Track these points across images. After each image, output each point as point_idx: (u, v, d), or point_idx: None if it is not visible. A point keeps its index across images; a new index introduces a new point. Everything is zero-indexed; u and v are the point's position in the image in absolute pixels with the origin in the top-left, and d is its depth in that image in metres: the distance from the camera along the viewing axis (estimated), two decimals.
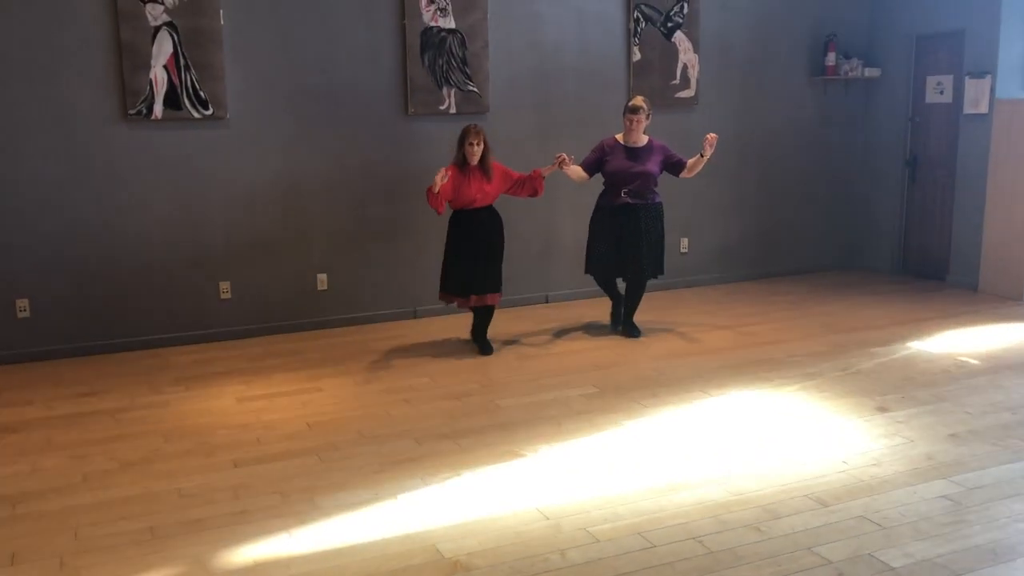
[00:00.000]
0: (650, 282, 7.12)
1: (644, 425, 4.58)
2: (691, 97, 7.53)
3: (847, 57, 8.00)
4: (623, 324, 6.32)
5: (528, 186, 5.85)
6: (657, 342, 6.13)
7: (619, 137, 6.06)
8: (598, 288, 6.50)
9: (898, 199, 8.15)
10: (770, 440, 4.36)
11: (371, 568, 3.23)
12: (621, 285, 6.37)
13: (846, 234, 8.48)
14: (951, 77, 7.57)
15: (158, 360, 5.89)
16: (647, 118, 5.97)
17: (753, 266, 8.10)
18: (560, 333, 6.36)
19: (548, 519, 3.58)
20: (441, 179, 5.44)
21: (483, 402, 4.98)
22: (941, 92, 7.68)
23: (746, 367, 5.52)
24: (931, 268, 7.94)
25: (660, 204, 6.12)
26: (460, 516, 3.61)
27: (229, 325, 6.36)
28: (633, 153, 5.99)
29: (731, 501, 3.70)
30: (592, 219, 6.17)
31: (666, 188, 7.41)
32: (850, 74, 7.97)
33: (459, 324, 6.47)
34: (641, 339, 6.18)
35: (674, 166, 6.09)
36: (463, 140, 5.62)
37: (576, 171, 5.96)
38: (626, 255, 6.04)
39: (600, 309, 6.72)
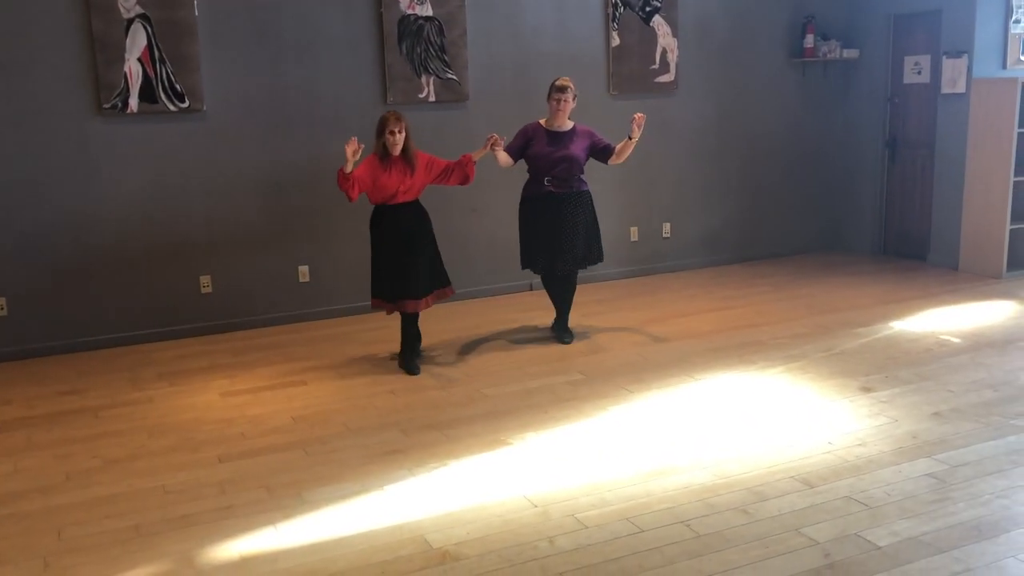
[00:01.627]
0: (633, 267, 7.14)
1: (630, 410, 4.59)
2: (671, 82, 7.52)
3: (825, 39, 8.00)
4: (555, 326, 5.94)
5: (458, 173, 5.35)
6: (641, 327, 6.13)
7: (543, 121, 5.67)
8: (584, 274, 6.45)
9: (878, 180, 8.18)
10: (755, 423, 4.37)
11: (359, 560, 3.22)
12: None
13: (827, 216, 8.51)
14: (928, 57, 7.60)
15: (140, 356, 5.84)
16: (574, 99, 5.61)
17: (735, 250, 8.12)
18: (544, 321, 6.34)
19: (536, 506, 3.57)
20: (353, 153, 4.91)
21: (469, 391, 4.97)
22: (919, 72, 7.71)
23: (730, 350, 5.54)
24: (912, 248, 7.98)
25: (588, 192, 5.71)
26: (448, 506, 3.60)
27: (211, 319, 6.31)
28: (556, 138, 5.59)
29: (718, 484, 3.72)
30: (520, 211, 5.78)
31: (648, 172, 7.42)
32: (828, 56, 7.98)
33: (443, 314, 6.45)
34: (625, 325, 6.17)
35: (602, 152, 5.68)
36: (382, 129, 5.07)
37: (503, 156, 5.52)
38: (556, 248, 5.61)
39: (585, 295, 6.70)
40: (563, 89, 5.58)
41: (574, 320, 6.15)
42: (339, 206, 6.56)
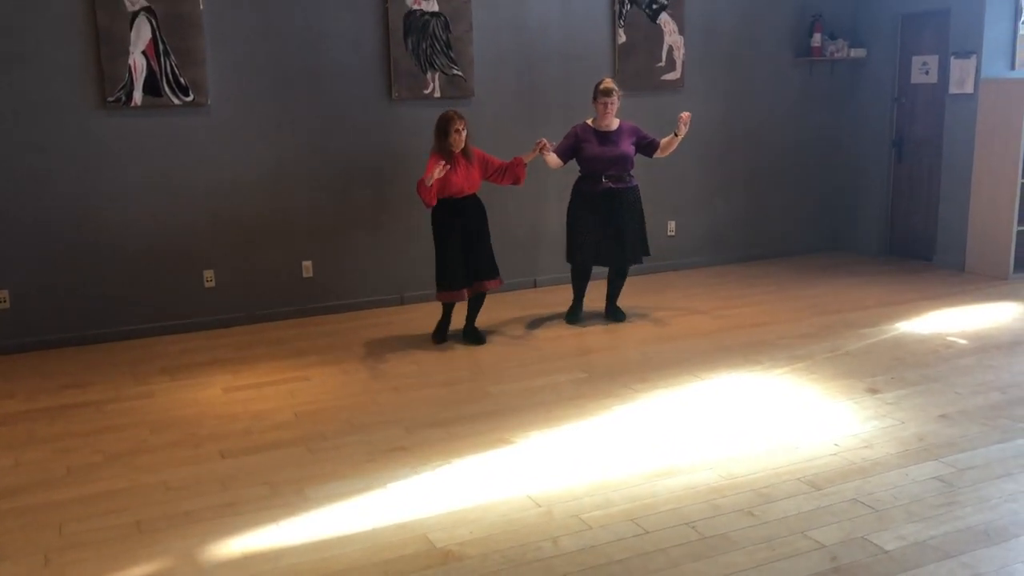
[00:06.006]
0: (638, 266, 7.12)
1: (635, 410, 4.56)
2: (677, 79, 7.48)
3: (832, 38, 7.96)
4: (609, 310, 6.27)
5: (510, 174, 5.73)
6: (646, 326, 6.11)
7: (590, 122, 5.95)
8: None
9: (884, 180, 8.14)
10: (761, 423, 4.34)
11: (362, 559, 3.19)
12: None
13: (833, 215, 8.47)
14: (936, 57, 7.55)
15: (143, 350, 5.82)
16: (619, 100, 5.88)
17: (740, 249, 8.09)
18: (549, 318, 6.32)
19: (540, 506, 3.55)
20: (440, 172, 5.26)
21: (472, 389, 4.94)
22: (926, 72, 7.66)
23: (735, 350, 5.51)
24: (918, 248, 7.95)
25: (637, 187, 6.05)
26: (451, 505, 3.58)
27: (214, 314, 6.29)
28: (607, 137, 5.90)
29: (724, 486, 3.69)
30: (572, 206, 6.05)
31: (653, 171, 7.38)
32: (836, 55, 7.94)
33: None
34: (630, 323, 6.16)
35: (647, 146, 6.01)
36: (447, 128, 5.43)
37: (552, 158, 5.81)
38: (613, 242, 5.97)
39: (590, 293, 6.67)
40: (608, 92, 5.82)
41: (567, 323, 6.17)
42: (343, 202, 6.55)
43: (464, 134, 5.48)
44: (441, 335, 5.83)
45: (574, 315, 6.24)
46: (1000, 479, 3.69)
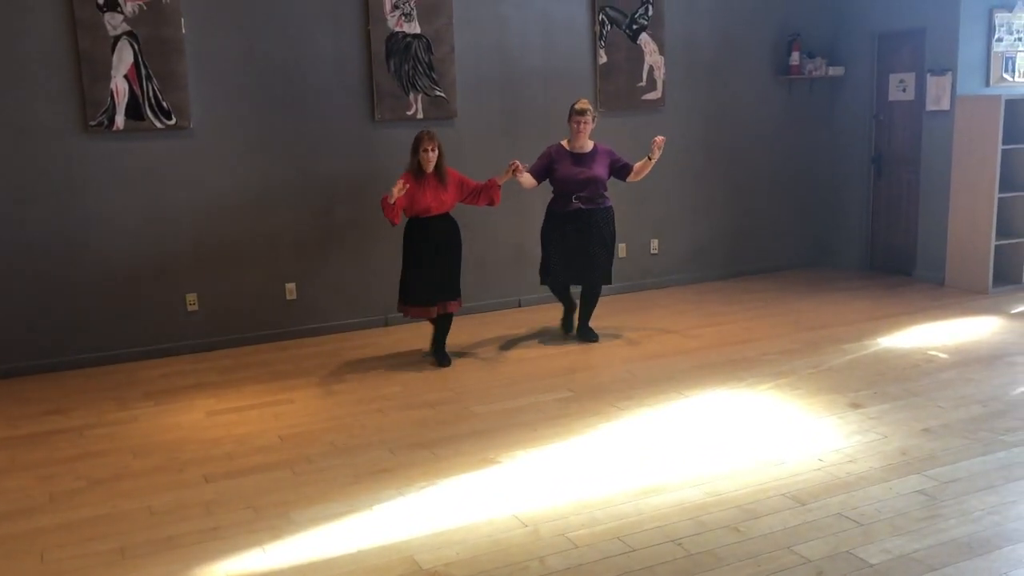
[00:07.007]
0: (621, 284, 7.16)
1: (620, 428, 4.57)
2: (658, 99, 7.55)
3: (811, 56, 8.06)
4: (580, 330, 6.24)
5: (485, 195, 5.73)
6: (630, 344, 6.12)
7: (565, 143, 5.97)
8: (574, 290, 6.48)
9: (864, 196, 8.23)
10: (746, 440, 4.36)
11: None
12: (575, 291, 6.30)
13: (814, 232, 8.54)
14: (913, 75, 7.66)
15: (125, 375, 5.79)
16: (593, 121, 5.91)
17: (723, 266, 8.13)
18: (533, 338, 6.33)
19: (526, 526, 3.55)
20: (399, 191, 5.32)
21: (457, 409, 4.94)
22: (904, 89, 7.76)
23: (719, 366, 5.53)
24: (898, 264, 8.02)
25: (611, 208, 6.03)
26: (437, 525, 3.57)
27: (197, 337, 6.27)
28: (580, 159, 5.91)
29: (709, 502, 3.70)
30: (544, 227, 6.06)
31: (636, 189, 7.43)
32: (814, 73, 8.03)
33: (430, 332, 6.41)
34: (614, 340, 6.17)
35: (620, 170, 6.01)
36: (417, 147, 5.50)
37: (527, 179, 5.82)
38: (583, 262, 5.96)
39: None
40: (583, 112, 5.85)
41: (565, 335, 6.17)
42: (327, 224, 6.55)
43: (433, 155, 5.49)
44: (443, 356, 5.81)
45: (567, 324, 6.32)
46: (983, 491, 3.71)
